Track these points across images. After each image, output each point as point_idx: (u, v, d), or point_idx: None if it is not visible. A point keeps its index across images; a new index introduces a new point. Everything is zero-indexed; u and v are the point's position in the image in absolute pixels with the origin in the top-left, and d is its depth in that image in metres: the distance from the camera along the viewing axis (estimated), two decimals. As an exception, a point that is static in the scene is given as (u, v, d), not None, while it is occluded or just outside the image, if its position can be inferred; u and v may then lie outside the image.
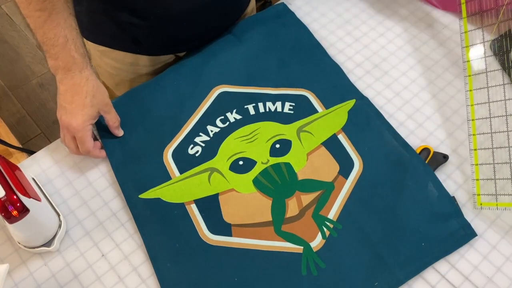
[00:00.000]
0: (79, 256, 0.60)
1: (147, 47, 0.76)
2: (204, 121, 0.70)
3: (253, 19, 0.83)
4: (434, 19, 0.85)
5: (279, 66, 0.76)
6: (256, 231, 0.61)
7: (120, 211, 0.63)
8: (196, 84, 0.74)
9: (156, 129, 0.69)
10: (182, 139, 0.68)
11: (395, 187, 0.64)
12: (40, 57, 1.78)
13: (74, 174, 0.67)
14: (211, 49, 0.78)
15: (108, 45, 0.77)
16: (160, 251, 0.59)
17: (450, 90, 0.75)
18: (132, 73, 0.80)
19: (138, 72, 0.80)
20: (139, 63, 0.78)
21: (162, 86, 0.74)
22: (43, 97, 1.69)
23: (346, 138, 0.68)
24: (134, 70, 0.79)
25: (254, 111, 0.71)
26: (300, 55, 0.76)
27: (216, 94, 0.73)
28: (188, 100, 0.72)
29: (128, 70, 0.79)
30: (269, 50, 0.77)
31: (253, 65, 0.76)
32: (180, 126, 0.69)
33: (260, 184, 0.64)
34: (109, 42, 0.76)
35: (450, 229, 0.60)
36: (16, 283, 0.58)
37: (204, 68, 0.75)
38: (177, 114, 0.70)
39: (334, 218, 0.61)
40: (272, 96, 0.72)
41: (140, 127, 0.69)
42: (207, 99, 0.72)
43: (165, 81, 0.74)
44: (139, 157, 0.67)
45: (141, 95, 0.73)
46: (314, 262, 0.58)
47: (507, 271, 0.59)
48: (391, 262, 0.58)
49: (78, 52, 0.62)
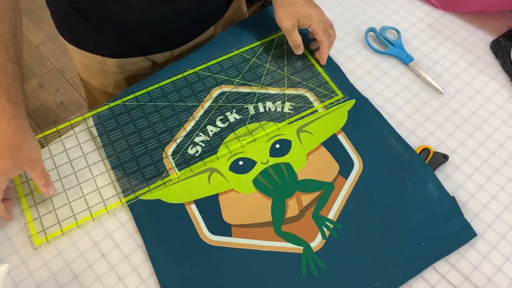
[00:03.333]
0: (79, 256, 0.60)
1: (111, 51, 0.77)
2: (204, 121, 0.70)
3: (253, 19, 0.83)
4: (434, 19, 0.85)
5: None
6: (256, 231, 0.61)
7: (120, 211, 0.63)
8: (196, 84, 0.74)
9: (156, 129, 0.69)
10: (182, 139, 0.68)
11: (395, 187, 0.64)
12: (40, 57, 1.78)
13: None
14: (210, 49, 0.78)
15: (76, 45, 0.79)
16: (160, 252, 0.59)
17: (450, 90, 0.75)
18: (101, 71, 0.81)
19: (106, 70, 0.81)
20: (106, 63, 0.79)
21: (161, 86, 0.74)
22: (43, 97, 1.69)
23: (346, 138, 0.68)
24: (102, 68, 0.81)
25: (254, 111, 0.71)
26: (300, 55, 0.76)
27: (216, 94, 0.73)
28: (188, 100, 0.72)
29: (97, 68, 0.81)
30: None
31: (253, 65, 0.76)
32: (180, 126, 0.69)
33: (260, 184, 0.64)
34: (77, 43, 0.78)
35: (450, 229, 0.60)
36: (16, 283, 0.58)
37: (204, 68, 0.75)
38: (177, 114, 0.70)
39: (334, 218, 0.61)
40: (272, 96, 0.72)
41: (139, 127, 0.69)
42: (207, 99, 0.72)
43: (164, 81, 0.74)
44: (139, 157, 0.66)
45: (141, 95, 0.73)
46: (314, 262, 0.58)
47: (507, 271, 0.59)
48: (391, 262, 0.58)
49: (10, 100, 0.57)
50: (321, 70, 0.75)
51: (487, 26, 0.83)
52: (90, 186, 0.65)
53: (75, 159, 0.67)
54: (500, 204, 0.64)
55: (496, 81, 0.76)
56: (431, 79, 0.75)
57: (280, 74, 0.75)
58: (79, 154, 0.67)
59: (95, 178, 0.65)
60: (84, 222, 0.62)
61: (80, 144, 0.68)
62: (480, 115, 0.72)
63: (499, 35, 0.82)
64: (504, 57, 0.78)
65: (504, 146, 0.69)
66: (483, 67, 0.78)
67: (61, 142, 0.68)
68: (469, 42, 0.81)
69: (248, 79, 0.74)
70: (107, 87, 0.85)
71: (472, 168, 0.67)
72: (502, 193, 0.65)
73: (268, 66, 0.76)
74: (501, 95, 0.75)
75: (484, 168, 0.67)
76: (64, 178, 0.65)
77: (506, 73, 0.77)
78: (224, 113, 0.71)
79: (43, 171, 0.59)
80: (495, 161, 0.68)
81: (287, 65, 0.76)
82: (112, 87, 0.84)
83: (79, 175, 0.66)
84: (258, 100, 0.72)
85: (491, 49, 0.80)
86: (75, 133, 0.69)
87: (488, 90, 0.75)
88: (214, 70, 0.75)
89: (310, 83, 0.74)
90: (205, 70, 0.75)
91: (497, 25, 0.83)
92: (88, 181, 0.65)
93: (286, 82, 0.74)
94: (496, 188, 0.65)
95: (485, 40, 0.81)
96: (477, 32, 0.83)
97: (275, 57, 0.77)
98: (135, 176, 0.65)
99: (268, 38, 0.79)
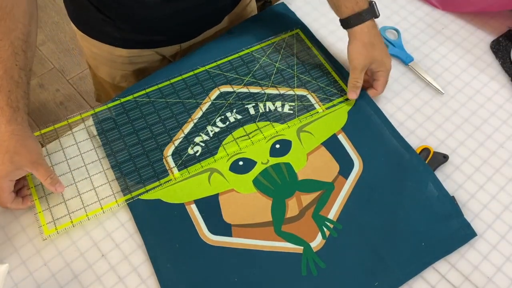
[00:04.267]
0: (79, 256, 0.60)
1: (122, 41, 0.78)
2: (204, 121, 0.70)
3: (253, 19, 0.83)
4: (434, 19, 0.85)
5: (289, 65, 0.76)
6: (256, 231, 0.61)
7: (120, 211, 0.63)
8: (196, 84, 0.74)
9: (156, 129, 0.69)
10: (182, 139, 0.68)
11: (395, 187, 0.64)
12: (40, 57, 1.78)
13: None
14: (210, 49, 0.78)
15: (86, 33, 0.80)
16: (160, 252, 0.59)
17: (450, 90, 0.75)
18: (109, 61, 0.82)
19: (115, 60, 0.82)
20: (115, 53, 0.80)
21: (161, 86, 0.74)
22: (43, 97, 1.69)
23: (346, 138, 0.68)
24: (111, 58, 0.82)
25: (254, 111, 0.71)
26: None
27: (216, 94, 0.73)
28: (188, 100, 0.72)
29: (106, 57, 0.82)
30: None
31: (253, 65, 0.76)
32: (180, 126, 0.69)
33: (260, 184, 0.64)
34: (87, 31, 0.79)
35: (450, 229, 0.61)
36: (16, 283, 0.58)
37: (204, 68, 0.75)
38: (177, 114, 0.70)
39: (334, 218, 0.61)
40: (272, 96, 0.72)
41: (140, 127, 0.69)
42: (207, 99, 0.72)
43: (164, 81, 0.74)
44: (139, 157, 0.66)
45: (141, 95, 0.73)
46: (314, 262, 0.58)
47: (507, 271, 0.59)
48: (391, 262, 0.58)
49: (11, 105, 0.58)
50: (331, 69, 0.75)
51: (487, 26, 0.83)
52: (95, 183, 0.65)
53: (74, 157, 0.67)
54: (500, 204, 0.64)
55: (496, 81, 0.76)
56: (431, 79, 0.75)
57: (290, 73, 0.75)
58: (82, 151, 0.67)
59: (91, 177, 0.65)
60: (94, 214, 0.62)
61: (78, 143, 0.68)
62: (480, 115, 0.72)
63: (499, 35, 0.81)
64: (504, 57, 0.78)
65: (504, 146, 0.69)
66: (483, 67, 0.78)
67: (58, 142, 0.68)
68: (469, 42, 0.81)
69: (258, 78, 0.74)
70: (114, 78, 0.86)
71: (472, 168, 0.67)
72: (502, 193, 0.65)
73: (278, 65, 0.76)
74: (501, 95, 0.75)
75: (484, 168, 0.67)
76: (63, 176, 0.65)
77: (506, 73, 0.77)
78: (224, 113, 0.71)
79: (46, 170, 0.60)
80: (495, 161, 0.68)
81: (296, 64, 0.76)
82: (119, 77, 0.85)
83: (77, 174, 0.66)
84: (259, 100, 0.72)
85: (491, 49, 0.80)
86: (73, 133, 0.69)
87: (488, 90, 0.75)
88: (214, 69, 0.75)
89: (319, 82, 0.74)
90: (205, 70, 0.75)
91: (497, 25, 0.83)
92: (86, 179, 0.65)
93: (295, 80, 0.74)
94: (496, 188, 0.65)
95: (485, 40, 0.81)
96: (477, 32, 0.83)
97: (284, 56, 0.77)
98: (134, 176, 0.65)
99: (278, 38, 0.79)
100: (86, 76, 1.73)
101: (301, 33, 0.80)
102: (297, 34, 0.80)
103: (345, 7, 0.67)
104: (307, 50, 0.78)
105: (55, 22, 1.89)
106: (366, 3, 0.67)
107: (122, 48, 0.79)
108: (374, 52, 0.68)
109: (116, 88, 0.88)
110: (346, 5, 0.67)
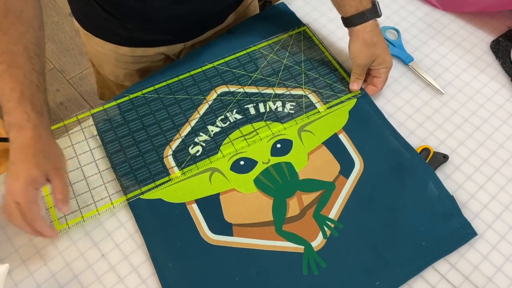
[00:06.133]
0: (79, 256, 0.60)
1: (127, 40, 0.78)
2: (205, 120, 0.70)
3: (253, 19, 0.83)
4: (434, 19, 0.85)
5: (297, 62, 0.76)
6: (257, 230, 0.61)
7: (120, 211, 0.63)
8: (196, 84, 0.74)
9: (157, 129, 0.69)
10: (182, 138, 0.68)
11: (395, 186, 0.64)
12: (39, 57, 1.78)
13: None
14: (211, 48, 0.78)
15: (90, 32, 0.80)
16: (161, 251, 0.59)
17: (450, 90, 0.75)
18: (113, 59, 0.82)
19: (118, 59, 0.82)
20: (119, 52, 0.80)
21: (162, 86, 0.73)
22: (42, 97, 1.68)
23: (347, 138, 0.68)
24: (115, 56, 0.82)
25: (254, 111, 0.71)
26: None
27: (216, 94, 0.73)
28: (188, 100, 0.72)
29: (109, 55, 0.82)
30: (269, 50, 0.77)
31: (253, 65, 0.76)
32: (180, 126, 0.69)
33: (261, 184, 0.64)
34: (91, 29, 0.79)
35: (450, 229, 0.61)
36: (16, 283, 0.58)
37: (204, 68, 0.75)
38: (177, 114, 0.70)
39: (335, 217, 0.61)
40: (272, 96, 0.72)
41: (140, 127, 0.69)
42: (207, 99, 0.72)
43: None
44: (138, 157, 0.66)
45: (141, 95, 0.73)
46: (315, 262, 0.58)
47: (507, 271, 0.59)
48: (392, 262, 0.58)
49: (35, 109, 0.56)
50: (338, 66, 0.76)
51: (487, 26, 0.83)
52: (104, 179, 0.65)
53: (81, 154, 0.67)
54: (500, 204, 0.64)
55: (496, 81, 0.77)
56: (431, 79, 0.76)
57: (298, 69, 0.75)
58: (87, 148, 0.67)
59: (87, 178, 0.65)
60: (104, 209, 0.62)
61: (74, 144, 0.68)
62: (480, 115, 0.73)
63: (499, 35, 0.82)
64: (504, 57, 0.79)
65: (504, 146, 0.69)
66: (483, 67, 0.78)
67: (68, 137, 0.68)
68: (469, 42, 0.81)
69: (265, 74, 0.75)
70: (117, 77, 0.86)
71: (472, 168, 0.67)
72: (502, 193, 0.65)
73: (286, 62, 0.76)
74: (501, 95, 0.75)
75: (484, 168, 0.67)
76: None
77: (506, 73, 0.77)
78: (225, 113, 0.71)
79: (65, 184, 0.58)
80: (495, 161, 0.68)
81: (304, 61, 0.76)
82: (122, 76, 0.85)
83: (87, 169, 0.66)
84: (259, 100, 0.72)
85: (491, 49, 0.80)
86: (68, 133, 0.69)
87: (488, 90, 0.75)
88: (214, 69, 0.75)
89: (327, 79, 0.74)
90: (205, 70, 0.75)
91: (497, 25, 0.83)
92: (96, 175, 0.65)
93: (303, 77, 0.74)
94: (496, 188, 0.65)
95: (485, 40, 0.82)
96: (477, 32, 0.83)
97: (292, 53, 0.77)
98: (133, 175, 0.65)
99: (285, 35, 0.80)
100: (86, 76, 1.73)
101: (308, 30, 0.80)
102: (304, 31, 0.80)
103: (349, 5, 0.68)
104: (315, 47, 0.78)
105: (55, 22, 1.88)
106: (370, 3, 0.68)
107: (126, 47, 0.79)
108: (376, 50, 0.69)
109: (119, 87, 0.88)
110: (351, 4, 0.68)
